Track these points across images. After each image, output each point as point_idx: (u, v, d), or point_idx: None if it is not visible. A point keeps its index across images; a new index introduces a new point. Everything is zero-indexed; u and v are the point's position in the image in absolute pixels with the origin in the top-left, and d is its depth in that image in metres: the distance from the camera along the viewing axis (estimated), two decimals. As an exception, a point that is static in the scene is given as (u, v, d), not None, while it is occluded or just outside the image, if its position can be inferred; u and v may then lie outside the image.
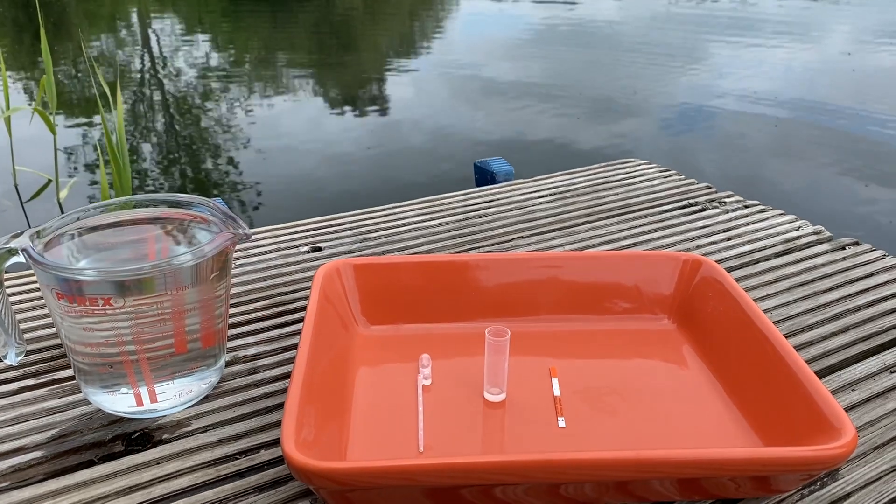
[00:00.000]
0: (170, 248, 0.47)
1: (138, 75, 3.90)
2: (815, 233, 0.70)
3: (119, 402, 0.44)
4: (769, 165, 2.57)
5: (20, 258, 0.42)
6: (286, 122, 3.10)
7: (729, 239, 0.69)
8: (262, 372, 0.50)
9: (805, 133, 2.90)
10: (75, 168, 2.54)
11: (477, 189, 0.81)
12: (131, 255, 0.47)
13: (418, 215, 0.74)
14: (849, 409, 0.46)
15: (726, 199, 0.78)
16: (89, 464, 0.42)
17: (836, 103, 3.23)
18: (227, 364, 0.50)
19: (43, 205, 2.25)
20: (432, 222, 0.73)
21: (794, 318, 0.56)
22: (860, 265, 0.64)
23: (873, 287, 0.61)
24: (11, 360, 0.46)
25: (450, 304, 0.53)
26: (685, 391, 0.47)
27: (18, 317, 0.56)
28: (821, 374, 0.50)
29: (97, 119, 3.05)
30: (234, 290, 0.60)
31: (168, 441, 0.43)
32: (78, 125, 3.01)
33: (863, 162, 2.57)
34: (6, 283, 0.61)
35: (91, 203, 0.58)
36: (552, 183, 0.82)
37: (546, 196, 0.79)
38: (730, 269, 0.63)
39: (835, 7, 5.90)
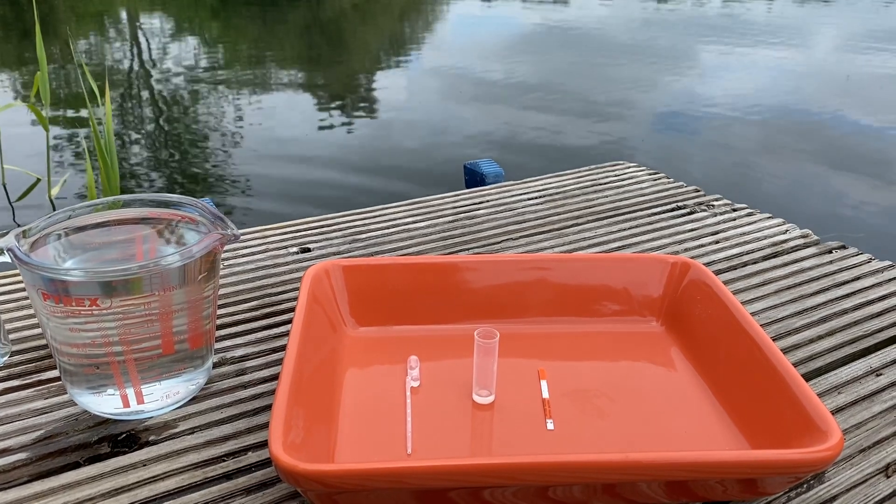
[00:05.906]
0: (157, 248, 0.47)
1: (128, 74, 3.88)
2: (802, 236, 0.70)
3: (105, 403, 0.44)
4: (758, 168, 2.58)
5: (6, 258, 0.41)
6: (275, 122, 3.09)
7: (717, 242, 0.69)
8: (249, 373, 0.49)
9: (793, 136, 2.92)
10: (69, 164, 2.53)
11: (467, 191, 0.81)
12: (118, 255, 0.47)
13: (408, 217, 0.74)
14: (835, 411, 0.47)
15: (714, 203, 0.78)
16: (75, 466, 0.41)
17: (827, 107, 3.25)
18: (215, 365, 0.50)
19: (30, 203, 2.23)
20: (422, 224, 0.72)
21: (782, 321, 0.56)
22: (846, 269, 0.64)
23: (859, 290, 0.61)
24: (-4, 360, 0.45)
25: (439, 306, 0.53)
26: (673, 393, 0.47)
27: (3, 317, 0.55)
28: (807, 376, 0.50)
29: (86, 116, 3.03)
30: (222, 291, 0.60)
31: (155, 443, 0.43)
32: (67, 123, 2.99)
33: (851, 166, 2.59)
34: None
35: (80, 202, 0.57)
36: (542, 185, 0.82)
37: (535, 198, 0.79)
38: (718, 272, 0.63)
39: (823, 11, 5.94)
